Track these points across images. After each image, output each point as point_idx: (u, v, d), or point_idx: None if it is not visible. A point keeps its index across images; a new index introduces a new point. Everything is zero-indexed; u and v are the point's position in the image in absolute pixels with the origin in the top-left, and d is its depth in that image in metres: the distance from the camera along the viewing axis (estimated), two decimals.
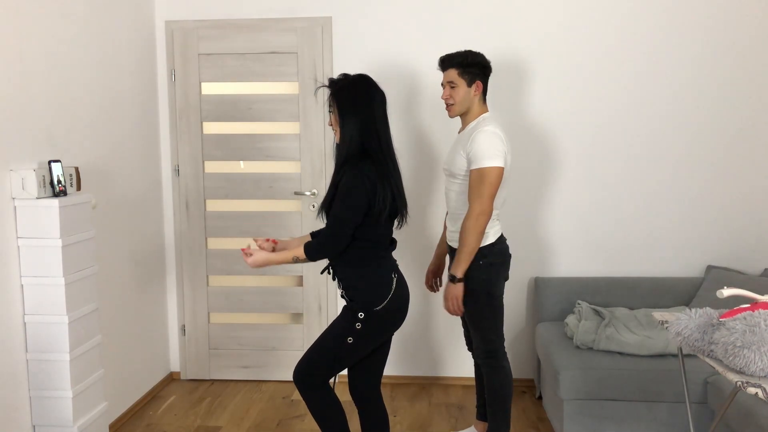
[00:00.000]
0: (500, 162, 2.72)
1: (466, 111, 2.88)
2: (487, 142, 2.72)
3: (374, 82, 2.48)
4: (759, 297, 2.08)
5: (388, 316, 2.47)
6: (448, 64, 2.87)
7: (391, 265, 2.51)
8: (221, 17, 3.87)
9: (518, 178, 3.82)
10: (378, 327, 2.47)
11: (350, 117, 2.40)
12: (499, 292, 2.91)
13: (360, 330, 2.43)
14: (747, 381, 1.84)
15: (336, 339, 2.47)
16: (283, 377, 4.08)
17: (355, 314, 2.43)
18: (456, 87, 2.84)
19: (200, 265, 4.03)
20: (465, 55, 2.85)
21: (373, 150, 2.40)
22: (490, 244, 2.85)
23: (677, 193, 3.76)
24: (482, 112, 2.88)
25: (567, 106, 3.76)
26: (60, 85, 2.93)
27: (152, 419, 3.56)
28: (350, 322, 2.44)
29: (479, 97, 2.86)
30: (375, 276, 2.45)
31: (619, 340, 3.16)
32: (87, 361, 2.83)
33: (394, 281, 2.46)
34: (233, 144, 3.96)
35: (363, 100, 2.41)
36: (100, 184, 3.27)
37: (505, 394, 2.95)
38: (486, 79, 2.88)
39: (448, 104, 2.89)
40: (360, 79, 2.45)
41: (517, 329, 3.94)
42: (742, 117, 3.69)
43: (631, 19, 3.68)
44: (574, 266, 3.86)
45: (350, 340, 2.44)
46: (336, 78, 2.47)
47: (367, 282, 2.44)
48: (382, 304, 2.42)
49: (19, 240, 2.64)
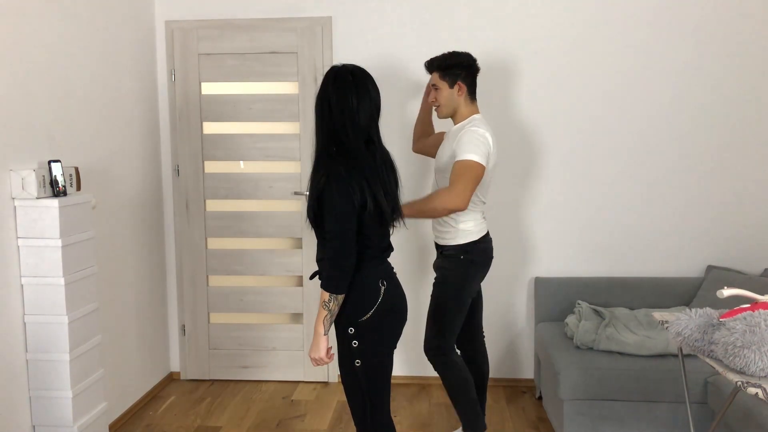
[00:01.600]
0: (482, 160, 2.73)
1: (454, 112, 2.91)
2: (473, 141, 2.74)
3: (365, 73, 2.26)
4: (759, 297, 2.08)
5: (380, 326, 2.27)
6: (431, 68, 2.92)
7: (380, 271, 2.29)
8: (221, 17, 3.87)
9: (518, 178, 3.82)
10: (374, 339, 2.27)
11: (327, 107, 2.20)
12: (472, 290, 2.94)
13: (359, 347, 2.25)
14: (747, 381, 1.84)
15: (349, 374, 2.30)
16: (283, 377, 4.08)
17: (345, 331, 2.26)
18: (439, 89, 2.89)
19: (200, 265, 4.03)
20: (445, 58, 2.88)
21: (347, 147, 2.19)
22: (473, 241, 2.87)
23: (677, 193, 3.76)
24: (472, 113, 2.89)
25: (567, 105, 3.76)
26: (60, 85, 2.93)
27: (152, 419, 3.56)
28: (346, 344, 2.27)
29: (465, 97, 2.87)
30: (358, 284, 2.23)
31: (619, 340, 3.16)
32: (87, 361, 2.83)
33: (381, 290, 2.26)
34: (233, 144, 3.96)
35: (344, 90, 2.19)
36: (100, 184, 3.27)
37: (466, 387, 2.95)
38: (470, 79, 2.88)
39: (434, 106, 2.95)
40: (350, 69, 2.24)
41: (517, 329, 3.94)
42: (742, 117, 3.69)
43: (624, 15, 3.68)
44: (574, 266, 3.86)
45: (358, 363, 2.26)
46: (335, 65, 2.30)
47: (351, 292, 2.22)
48: (368, 314, 2.23)
49: (19, 240, 2.64)
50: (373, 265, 2.28)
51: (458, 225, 2.87)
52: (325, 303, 2.19)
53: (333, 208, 2.13)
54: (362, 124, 2.21)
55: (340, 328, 2.29)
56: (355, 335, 2.25)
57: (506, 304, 3.91)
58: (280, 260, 4.01)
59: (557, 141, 3.79)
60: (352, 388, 2.32)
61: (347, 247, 2.16)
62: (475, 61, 2.90)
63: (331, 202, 2.13)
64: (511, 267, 3.88)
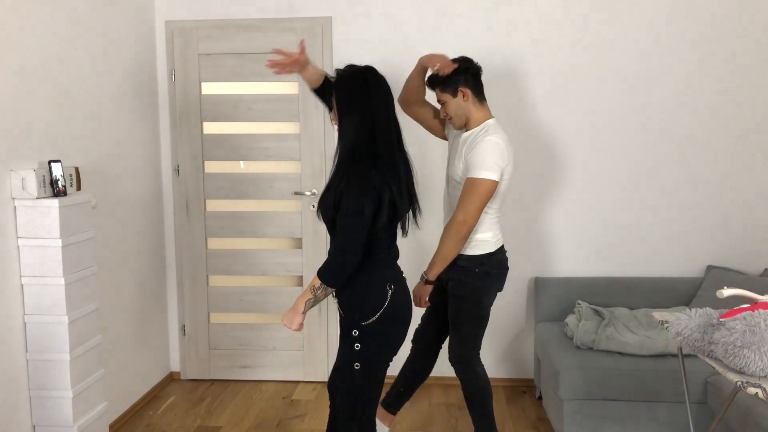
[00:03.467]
0: (495, 176, 2.63)
1: (467, 119, 2.79)
2: (486, 153, 2.64)
3: (378, 74, 2.29)
4: (759, 297, 2.08)
5: (385, 331, 2.26)
6: (432, 85, 2.83)
7: (388, 275, 2.29)
8: (221, 17, 3.87)
9: (518, 178, 3.81)
10: (377, 340, 2.26)
11: (347, 112, 2.22)
12: (489, 302, 2.87)
13: (361, 351, 2.24)
14: (747, 381, 1.84)
15: (345, 377, 2.29)
16: (283, 377, 4.08)
17: (349, 333, 2.25)
18: (446, 103, 2.80)
19: (200, 265, 4.03)
20: None
21: (370, 149, 2.20)
22: (489, 253, 2.79)
23: (677, 193, 3.76)
24: (485, 118, 2.78)
25: (567, 107, 3.76)
26: (60, 85, 2.93)
27: (152, 419, 3.56)
28: (349, 346, 2.26)
29: (472, 101, 2.77)
30: (366, 287, 2.24)
31: (619, 340, 3.16)
32: (87, 361, 2.83)
33: (389, 293, 2.25)
34: (233, 144, 3.96)
35: (361, 93, 2.22)
36: (100, 184, 3.27)
37: (483, 399, 2.92)
38: (473, 81, 2.77)
39: (447, 119, 2.86)
40: (362, 71, 2.27)
41: (517, 329, 3.94)
42: (742, 117, 3.69)
43: (634, 19, 3.68)
44: (574, 266, 3.86)
45: (357, 366, 2.25)
46: (341, 68, 2.31)
47: (357, 293, 2.24)
48: (373, 318, 2.22)
49: (19, 240, 2.64)
50: (383, 267, 2.28)
51: (476, 234, 2.76)
52: (314, 288, 2.19)
53: (349, 206, 2.14)
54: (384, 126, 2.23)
55: (344, 329, 2.28)
56: (358, 338, 2.24)
57: (506, 304, 3.91)
58: (280, 260, 4.01)
59: (557, 142, 3.78)
60: (346, 390, 2.30)
61: (355, 244, 2.15)
62: (472, 62, 2.80)
63: (348, 200, 2.14)
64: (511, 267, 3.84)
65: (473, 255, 2.79)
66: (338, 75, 2.29)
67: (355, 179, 2.16)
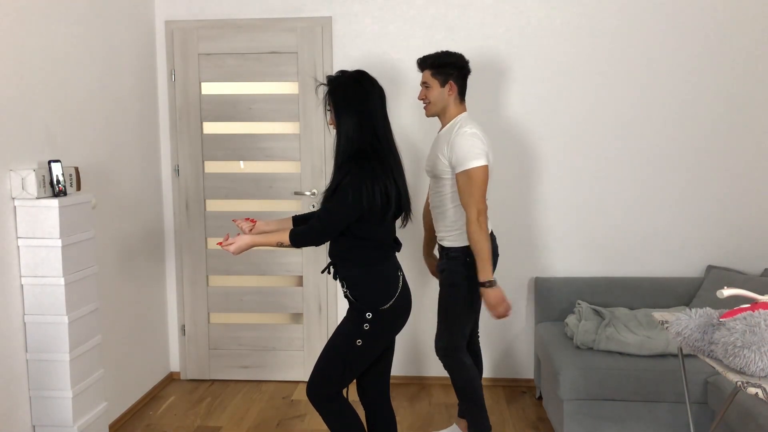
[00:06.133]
0: (483, 160, 2.76)
1: (442, 111, 2.92)
2: (467, 144, 2.76)
3: (371, 77, 2.43)
4: (759, 297, 2.08)
5: (395, 315, 2.44)
6: (423, 65, 2.93)
7: (397, 263, 2.50)
8: (221, 17, 3.87)
9: (518, 178, 3.82)
10: (385, 326, 2.44)
11: (346, 115, 2.35)
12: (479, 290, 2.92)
13: (368, 331, 2.40)
14: (747, 381, 1.84)
15: (344, 343, 2.43)
16: (283, 377, 4.08)
17: (362, 314, 2.39)
18: (430, 87, 2.90)
19: (200, 265, 4.03)
20: (438, 56, 2.90)
21: (373, 148, 2.35)
22: None
23: (677, 193, 3.76)
24: (459, 113, 2.91)
25: (565, 105, 3.76)
26: (60, 85, 2.93)
27: (152, 419, 3.56)
28: (357, 323, 2.40)
29: (455, 97, 2.89)
30: (382, 275, 2.42)
31: (620, 340, 3.16)
32: (87, 361, 2.83)
33: (400, 279, 2.46)
34: (233, 144, 3.96)
35: (358, 97, 2.36)
36: (100, 184, 3.27)
37: (474, 389, 2.97)
38: (461, 80, 2.91)
39: (424, 104, 2.96)
40: (355, 76, 2.40)
41: (517, 329, 3.94)
42: (742, 116, 3.69)
43: (622, 12, 3.68)
44: (574, 266, 3.86)
45: (359, 343, 2.40)
46: (333, 75, 2.43)
47: (374, 281, 2.41)
48: (390, 302, 2.40)
49: (19, 240, 2.64)
50: (390, 257, 2.47)
51: (463, 226, 2.86)
52: (280, 243, 2.38)
53: (347, 195, 2.29)
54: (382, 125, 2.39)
55: (356, 309, 2.41)
56: (371, 320, 2.39)
57: None
58: (280, 260, 4.01)
59: (557, 142, 3.78)
60: (337, 357, 2.43)
61: (335, 229, 2.35)
62: (467, 63, 2.92)
63: (347, 189, 2.29)
64: (511, 267, 3.88)
65: (464, 246, 2.88)
66: (333, 81, 2.40)
67: (356, 175, 2.29)
